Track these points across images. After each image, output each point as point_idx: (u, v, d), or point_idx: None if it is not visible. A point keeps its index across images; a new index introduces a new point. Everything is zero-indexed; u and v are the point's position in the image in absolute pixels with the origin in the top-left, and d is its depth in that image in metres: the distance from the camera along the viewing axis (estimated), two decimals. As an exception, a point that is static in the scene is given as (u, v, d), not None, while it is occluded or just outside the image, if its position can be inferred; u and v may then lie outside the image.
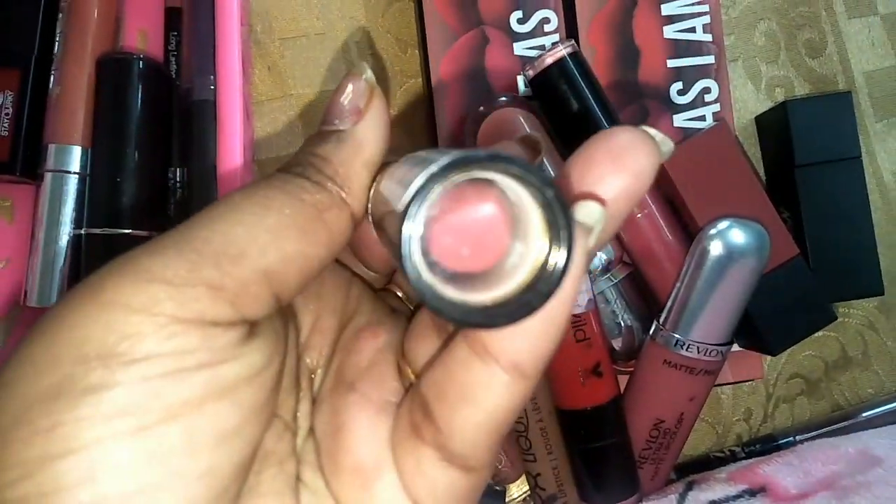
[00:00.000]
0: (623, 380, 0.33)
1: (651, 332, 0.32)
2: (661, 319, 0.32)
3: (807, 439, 0.37)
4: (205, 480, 0.14)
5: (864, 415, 0.37)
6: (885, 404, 0.38)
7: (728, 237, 0.30)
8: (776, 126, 0.36)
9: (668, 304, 0.31)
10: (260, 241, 0.15)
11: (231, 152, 0.30)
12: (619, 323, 0.34)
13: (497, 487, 0.36)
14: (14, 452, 0.14)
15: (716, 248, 0.30)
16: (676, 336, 0.31)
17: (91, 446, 0.14)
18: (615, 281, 0.33)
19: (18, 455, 0.14)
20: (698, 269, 0.30)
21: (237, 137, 0.30)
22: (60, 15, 0.33)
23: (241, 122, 0.31)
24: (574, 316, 0.29)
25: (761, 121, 0.38)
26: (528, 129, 0.32)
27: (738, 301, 0.30)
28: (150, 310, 0.14)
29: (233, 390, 0.15)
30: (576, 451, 0.32)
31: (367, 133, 0.17)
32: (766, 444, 0.37)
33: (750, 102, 0.38)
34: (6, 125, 0.31)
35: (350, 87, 0.17)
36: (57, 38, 0.33)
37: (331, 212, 0.16)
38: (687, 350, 0.31)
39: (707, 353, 0.31)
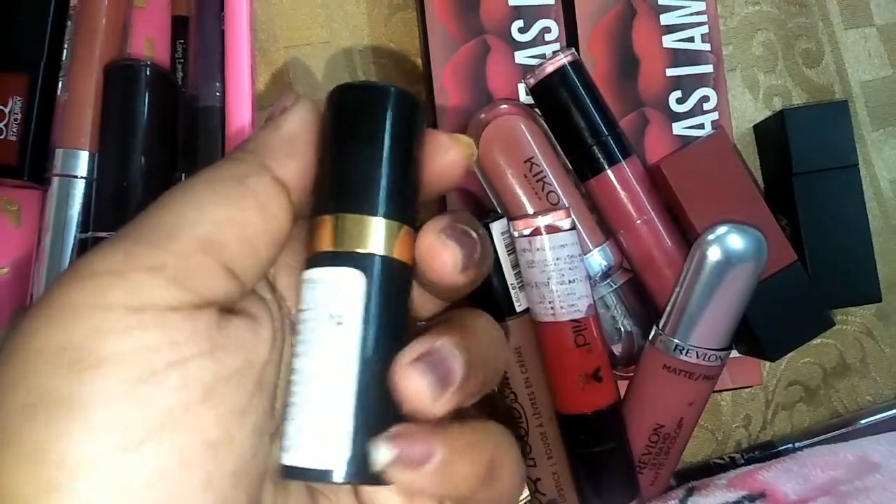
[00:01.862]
0: (623, 386, 0.33)
1: (650, 337, 0.32)
2: (661, 324, 0.32)
3: (806, 446, 0.37)
4: (205, 495, 0.14)
5: (863, 422, 0.37)
6: (884, 411, 0.38)
7: (726, 242, 0.30)
8: (774, 134, 0.37)
9: (668, 309, 0.32)
10: (188, 216, 0.16)
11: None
12: (619, 328, 0.34)
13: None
14: (6, 484, 0.13)
15: (714, 254, 0.30)
16: (676, 341, 0.31)
17: (79, 470, 0.13)
18: (615, 287, 0.34)
19: (9, 487, 0.13)
20: (697, 275, 0.30)
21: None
22: (69, 22, 0.33)
23: (248, 129, 0.31)
24: (574, 321, 0.30)
25: (759, 129, 0.38)
26: (529, 137, 0.32)
27: (737, 306, 0.31)
28: (101, 303, 0.14)
29: (210, 392, 0.14)
30: (576, 456, 0.32)
31: (288, 117, 0.18)
32: (766, 451, 0.37)
33: (748, 111, 0.39)
34: (14, 130, 0.32)
35: (282, 100, 0.19)
36: (65, 45, 0.33)
37: (251, 177, 0.17)
38: (686, 355, 0.31)
39: (706, 358, 0.31)
